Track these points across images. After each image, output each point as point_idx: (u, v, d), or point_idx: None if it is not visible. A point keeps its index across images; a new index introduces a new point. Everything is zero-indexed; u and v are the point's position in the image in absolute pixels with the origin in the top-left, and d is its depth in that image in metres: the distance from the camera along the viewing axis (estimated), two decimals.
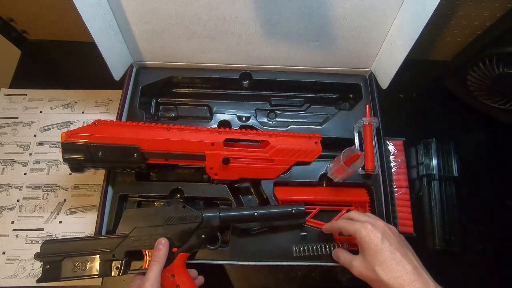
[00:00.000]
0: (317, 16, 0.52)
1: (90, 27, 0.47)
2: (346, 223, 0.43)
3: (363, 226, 0.40)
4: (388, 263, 0.37)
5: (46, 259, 0.44)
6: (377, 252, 0.38)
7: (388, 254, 0.38)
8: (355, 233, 0.41)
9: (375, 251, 0.38)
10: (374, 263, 0.38)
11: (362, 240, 0.40)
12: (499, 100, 0.63)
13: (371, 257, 0.38)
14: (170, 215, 0.47)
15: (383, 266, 0.37)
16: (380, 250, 0.38)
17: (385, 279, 0.36)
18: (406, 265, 0.37)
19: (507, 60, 0.56)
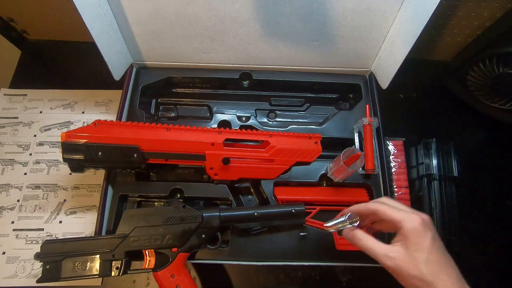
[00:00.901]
0: (317, 16, 0.52)
1: (90, 27, 0.47)
2: (389, 209, 0.39)
3: (413, 218, 0.37)
4: (437, 263, 0.35)
5: (46, 259, 0.44)
6: (427, 250, 0.35)
7: (439, 254, 0.36)
8: (402, 222, 0.37)
9: (425, 247, 0.35)
10: (420, 260, 0.35)
11: (409, 232, 0.36)
12: (499, 100, 0.63)
13: (418, 252, 0.35)
14: (170, 215, 0.47)
15: (431, 265, 0.35)
16: (432, 249, 0.36)
17: (429, 279, 0.34)
18: (452, 271, 0.36)
19: (507, 60, 0.56)
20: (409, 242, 0.36)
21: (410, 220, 0.37)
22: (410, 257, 0.36)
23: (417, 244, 0.36)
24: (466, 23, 0.64)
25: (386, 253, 0.37)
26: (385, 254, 0.37)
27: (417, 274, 0.35)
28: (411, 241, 0.36)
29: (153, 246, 0.46)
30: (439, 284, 0.34)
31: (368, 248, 0.39)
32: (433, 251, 0.36)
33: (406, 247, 0.36)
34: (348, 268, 0.58)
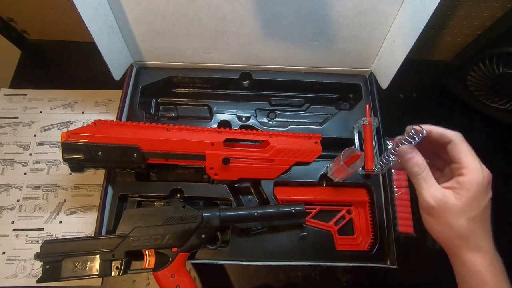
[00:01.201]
0: (317, 16, 0.52)
1: (90, 27, 0.47)
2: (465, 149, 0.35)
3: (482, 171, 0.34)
4: (481, 225, 0.34)
5: (46, 259, 0.44)
6: (479, 210, 0.33)
7: (486, 219, 0.34)
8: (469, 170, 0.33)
9: (479, 207, 0.33)
10: (468, 215, 0.33)
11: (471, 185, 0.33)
12: (499, 100, 0.63)
13: (469, 208, 0.33)
14: (170, 215, 0.47)
15: (474, 223, 0.33)
16: (483, 211, 0.34)
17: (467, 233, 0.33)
18: (490, 239, 0.35)
19: (507, 60, 0.56)
20: (465, 195, 0.33)
21: (478, 173, 0.33)
22: (458, 208, 0.33)
23: (473, 200, 0.33)
24: (466, 23, 0.64)
25: (435, 192, 0.34)
26: (434, 192, 0.34)
27: (456, 225, 0.33)
28: (468, 195, 0.33)
29: (153, 246, 0.46)
30: (472, 240, 0.33)
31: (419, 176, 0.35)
32: (483, 213, 0.34)
33: (459, 198, 0.33)
34: (348, 268, 0.58)
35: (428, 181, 0.34)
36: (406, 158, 0.36)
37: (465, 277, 0.34)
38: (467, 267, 0.33)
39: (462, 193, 0.33)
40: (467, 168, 0.34)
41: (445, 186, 0.34)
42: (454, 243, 0.34)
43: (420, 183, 0.34)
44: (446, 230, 0.34)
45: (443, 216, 0.33)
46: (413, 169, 0.35)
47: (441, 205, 0.33)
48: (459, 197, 0.33)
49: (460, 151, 0.35)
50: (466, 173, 0.33)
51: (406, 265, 0.50)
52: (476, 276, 0.33)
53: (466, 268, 0.33)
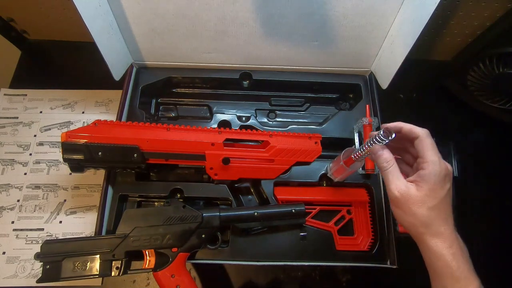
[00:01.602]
0: (317, 16, 0.52)
1: (90, 27, 0.47)
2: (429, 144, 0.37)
3: (440, 165, 0.36)
4: (441, 212, 0.36)
5: (46, 259, 0.44)
6: (438, 199, 0.36)
7: (446, 207, 0.37)
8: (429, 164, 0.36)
9: (438, 197, 0.36)
10: (428, 204, 0.36)
11: (430, 178, 0.36)
12: (499, 100, 0.63)
13: (429, 198, 0.36)
14: (170, 215, 0.47)
15: (435, 211, 0.36)
16: (443, 200, 0.36)
17: (427, 221, 0.36)
18: (451, 223, 0.37)
19: (507, 60, 0.56)
20: (425, 186, 0.36)
21: (436, 166, 0.36)
22: (419, 199, 0.36)
23: (432, 191, 0.36)
24: (466, 23, 0.64)
25: (399, 185, 0.37)
26: (398, 185, 0.37)
27: (418, 213, 0.36)
28: (427, 187, 0.36)
29: (153, 246, 0.46)
30: (434, 227, 0.36)
31: (387, 170, 0.38)
32: (443, 202, 0.36)
33: (420, 189, 0.36)
34: (348, 268, 0.58)
35: (394, 175, 0.38)
36: (377, 155, 0.39)
37: (430, 260, 0.37)
38: (431, 251, 0.36)
39: (422, 185, 0.36)
40: (427, 162, 0.36)
41: (409, 180, 0.37)
42: (418, 230, 0.37)
43: (388, 177, 0.38)
44: (410, 219, 0.37)
45: (406, 206, 0.36)
46: (382, 164, 0.38)
47: (404, 196, 0.36)
48: (420, 189, 0.36)
49: (423, 146, 0.37)
50: (426, 167, 0.36)
51: (406, 265, 0.50)
52: (439, 258, 0.36)
53: (430, 252, 0.36)
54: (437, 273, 0.38)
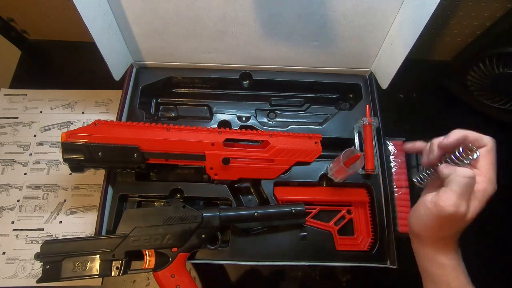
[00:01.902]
0: (317, 16, 0.52)
1: (90, 27, 0.47)
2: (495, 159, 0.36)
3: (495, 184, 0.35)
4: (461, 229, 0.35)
5: (46, 259, 0.44)
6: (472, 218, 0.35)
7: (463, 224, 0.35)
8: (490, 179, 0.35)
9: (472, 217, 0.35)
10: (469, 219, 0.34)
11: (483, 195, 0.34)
12: (499, 100, 0.63)
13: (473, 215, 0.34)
14: (170, 215, 0.47)
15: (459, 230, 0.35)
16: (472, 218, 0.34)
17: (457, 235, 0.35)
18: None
19: (507, 60, 0.56)
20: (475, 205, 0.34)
21: (493, 185, 0.36)
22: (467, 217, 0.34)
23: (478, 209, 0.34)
24: (466, 23, 0.64)
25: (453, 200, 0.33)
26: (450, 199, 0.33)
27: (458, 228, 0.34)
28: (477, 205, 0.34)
29: (153, 246, 0.46)
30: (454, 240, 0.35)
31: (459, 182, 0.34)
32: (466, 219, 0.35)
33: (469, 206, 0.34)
34: (348, 268, 0.58)
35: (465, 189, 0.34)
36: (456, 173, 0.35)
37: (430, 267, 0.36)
38: (435, 260, 0.35)
39: (472, 203, 0.33)
40: (487, 180, 0.34)
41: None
42: (441, 242, 0.35)
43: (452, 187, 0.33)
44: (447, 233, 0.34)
45: (455, 223, 0.34)
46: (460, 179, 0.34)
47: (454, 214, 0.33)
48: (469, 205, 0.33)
49: (487, 160, 0.36)
50: (481, 182, 0.34)
51: (406, 265, 0.50)
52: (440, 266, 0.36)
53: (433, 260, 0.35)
54: (434, 281, 0.37)
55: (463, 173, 0.34)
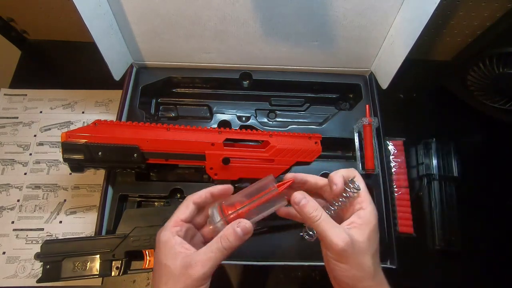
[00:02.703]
0: (317, 16, 0.52)
1: (90, 27, 0.47)
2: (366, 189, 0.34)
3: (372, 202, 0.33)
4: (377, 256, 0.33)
5: (46, 259, 0.44)
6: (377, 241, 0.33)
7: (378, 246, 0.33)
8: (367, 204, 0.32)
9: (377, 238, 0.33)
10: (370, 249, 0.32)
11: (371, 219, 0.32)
12: (499, 100, 0.63)
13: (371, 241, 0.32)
14: (170, 215, 0.47)
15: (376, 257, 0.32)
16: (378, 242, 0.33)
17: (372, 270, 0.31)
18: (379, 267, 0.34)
19: (507, 60, 0.56)
20: (367, 230, 0.32)
21: (374, 207, 0.33)
22: (363, 245, 0.31)
23: (372, 234, 0.32)
24: (466, 23, 0.64)
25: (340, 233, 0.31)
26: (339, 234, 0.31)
27: (365, 264, 0.31)
28: (369, 230, 0.32)
29: (153, 246, 0.46)
30: (378, 276, 0.32)
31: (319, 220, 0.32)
32: (377, 246, 0.33)
33: (363, 234, 0.32)
34: None
35: (329, 223, 0.32)
36: (301, 206, 0.33)
37: None
38: None
39: (363, 228, 0.32)
40: (365, 201, 0.33)
41: (348, 225, 0.33)
42: (365, 284, 0.31)
43: (322, 227, 0.32)
44: (356, 273, 0.31)
45: (352, 257, 0.31)
46: (311, 214, 0.33)
47: (350, 245, 0.30)
48: (362, 233, 0.32)
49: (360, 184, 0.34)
50: (366, 206, 0.33)
51: (406, 265, 0.50)
52: None
53: None
54: None
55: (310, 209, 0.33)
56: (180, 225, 0.34)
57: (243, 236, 0.32)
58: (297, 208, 0.34)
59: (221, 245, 0.31)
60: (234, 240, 0.32)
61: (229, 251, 0.32)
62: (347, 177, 0.35)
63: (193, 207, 0.35)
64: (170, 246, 0.31)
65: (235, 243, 0.32)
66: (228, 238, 0.32)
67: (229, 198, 0.36)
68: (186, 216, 0.34)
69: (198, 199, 0.35)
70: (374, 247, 0.32)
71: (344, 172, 0.35)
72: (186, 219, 0.34)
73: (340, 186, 0.34)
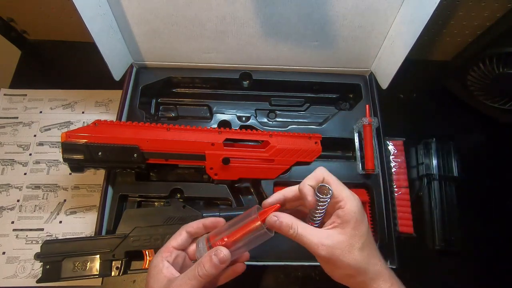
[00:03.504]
0: (317, 16, 0.52)
1: (90, 27, 0.47)
2: (337, 181, 0.34)
3: (354, 199, 0.33)
4: (369, 249, 0.32)
5: (46, 259, 0.44)
6: (364, 236, 0.32)
7: (370, 239, 0.33)
8: (345, 202, 0.32)
9: (362, 234, 0.32)
10: (356, 247, 0.31)
11: (351, 216, 0.32)
12: (499, 100, 0.63)
13: (355, 238, 0.32)
14: (170, 215, 0.47)
15: (365, 251, 0.32)
16: (366, 234, 0.32)
17: (363, 266, 0.31)
18: (379, 254, 0.34)
19: (507, 60, 0.56)
20: (348, 227, 0.32)
21: (353, 201, 0.32)
22: (346, 243, 0.31)
23: (355, 229, 0.32)
24: (466, 23, 0.64)
25: (319, 240, 0.31)
26: (319, 242, 0.31)
27: (351, 262, 0.31)
28: (350, 226, 0.32)
29: (153, 246, 0.46)
30: (371, 269, 0.32)
31: (297, 232, 0.33)
32: (368, 236, 0.33)
33: (344, 232, 0.32)
34: None
35: (307, 231, 0.32)
36: (277, 225, 0.33)
37: None
38: None
39: (345, 226, 0.32)
40: (343, 199, 0.32)
41: (328, 226, 0.33)
42: (357, 280, 0.32)
43: (303, 238, 0.32)
44: (345, 271, 0.32)
45: (337, 258, 0.31)
46: (289, 232, 0.33)
47: (331, 249, 0.31)
48: (343, 231, 0.32)
49: (331, 184, 0.33)
50: (344, 204, 0.32)
51: (406, 265, 0.50)
52: None
53: None
54: None
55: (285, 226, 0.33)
56: (170, 251, 0.35)
57: (219, 265, 0.32)
58: (276, 230, 0.34)
59: (196, 272, 0.32)
60: (209, 267, 0.32)
61: (205, 279, 0.32)
62: (316, 184, 0.34)
63: (185, 235, 0.37)
64: (158, 270, 0.33)
65: (210, 270, 0.32)
66: (204, 266, 0.32)
67: (218, 228, 0.36)
68: (178, 243, 0.36)
69: (191, 229, 0.37)
70: (361, 241, 0.32)
71: (311, 181, 0.34)
72: (178, 247, 0.36)
73: (311, 199, 0.33)
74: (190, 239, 0.37)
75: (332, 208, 0.33)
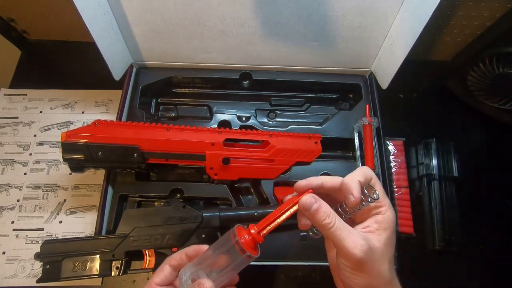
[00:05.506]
0: (317, 16, 0.52)
1: (90, 27, 0.47)
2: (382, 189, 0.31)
3: (391, 206, 0.31)
4: (393, 262, 0.31)
5: (46, 259, 0.44)
6: (393, 246, 0.30)
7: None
8: (386, 208, 0.30)
9: (393, 244, 0.30)
10: (387, 255, 0.29)
11: (389, 224, 0.29)
12: (499, 100, 0.63)
13: (388, 247, 0.29)
14: (170, 215, 0.47)
15: (391, 263, 0.30)
16: (394, 246, 0.31)
17: (390, 277, 0.30)
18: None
19: (507, 60, 0.56)
20: (385, 234, 0.29)
21: (392, 209, 0.31)
22: (381, 251, 0.29)
23: (390, 239, 0.30)
24: (466, 23, 0.64)
25: (357, 240, 0.28)
26: (357, 241, 0.28)
27: (383, 271, 0.29)
28: (386, 235, 0.29)
29: (153, 246, 0.46)
30: (395, 283, 0.31)
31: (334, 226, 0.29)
32: (394, 250, 0.31)
33: (380, 240, 0.29)
34: None
35: (345, 229, 0.29)
36: (313, 211, 0.30)
37: None
38: None
39: (380, 233, 0.30)
40: (386, 206, 0.30)
41: (363, 229, 0.30)
42: None
43: (337, 234, 0.29)
44: (372, 281, 0.29)
45: (370, 266, 0.28)
46: (324, 221, 0.29)
47: (368, 253, 0.28)
48: (379, 238, 0.29)
49: (377, 186, 0.31)
50: (384, 211, 0.30)
51: (406, 265, 0.50)
52: None
53: None
54: None
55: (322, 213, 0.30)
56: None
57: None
58: (307, 214, 0.31)
59: None
60: None
61: None
62: (364, 182, 0.31)
63: (169, 270, 0.35)
64: None
65: None
66: None
67: (200, 256, 0.34)
68: (161, 279, 0.35)
69: (173, 262, 0.35)
70: (391, 252, 0.30)
71: (360, 177, 0.31)
72: (161, 283, 0.35)
73: (358, 197, 0.29)
74: (175, 272, 0.36)
75: (369, 211, 0.31)
